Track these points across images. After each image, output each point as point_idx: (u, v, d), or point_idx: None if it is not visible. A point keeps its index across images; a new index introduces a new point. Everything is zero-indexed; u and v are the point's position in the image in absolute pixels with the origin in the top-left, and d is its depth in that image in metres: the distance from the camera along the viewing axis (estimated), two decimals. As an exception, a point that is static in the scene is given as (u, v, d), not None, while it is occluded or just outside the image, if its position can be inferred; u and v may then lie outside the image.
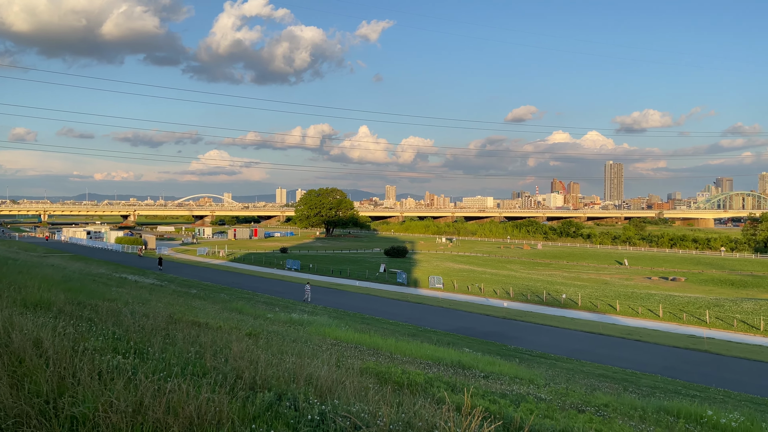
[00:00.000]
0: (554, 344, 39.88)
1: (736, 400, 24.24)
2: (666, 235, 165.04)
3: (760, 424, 15.26)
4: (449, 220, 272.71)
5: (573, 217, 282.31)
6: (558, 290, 68.70)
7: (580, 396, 17.33)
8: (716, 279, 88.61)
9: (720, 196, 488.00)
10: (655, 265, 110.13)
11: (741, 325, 50.83)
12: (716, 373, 32.84)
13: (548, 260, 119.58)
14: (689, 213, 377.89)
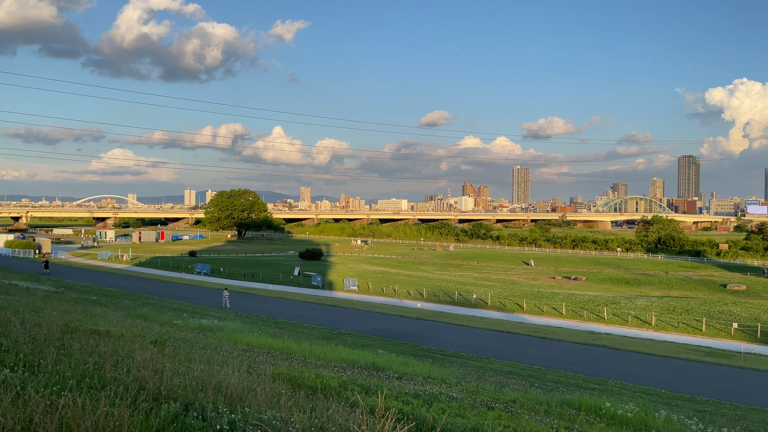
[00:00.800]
0: (465, 343, 40.97)
1: (631, 392, 25.88)
2: (569, 237, 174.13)
3: (653, 414, 16.33)
4: (364, 222, 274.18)
5: (483, 220, 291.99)
6: (469, 290, 70.68)
7: (490, 393, 17.84)
8: (613, 278, 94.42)
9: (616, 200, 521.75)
10: (558, 265, 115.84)
11: (635, 320, 54.42)
12: (613, 366, 34.93)
13: (460, 261, 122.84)
14: (589, 216, 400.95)
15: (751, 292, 78.10)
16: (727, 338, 48.07)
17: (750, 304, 59.08)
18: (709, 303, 60.15)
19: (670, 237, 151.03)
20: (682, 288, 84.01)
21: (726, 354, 40.42)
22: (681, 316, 54.70)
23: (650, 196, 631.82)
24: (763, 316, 53.04)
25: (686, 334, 49.79)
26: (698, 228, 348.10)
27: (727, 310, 55.68)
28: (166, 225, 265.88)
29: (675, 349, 41.78)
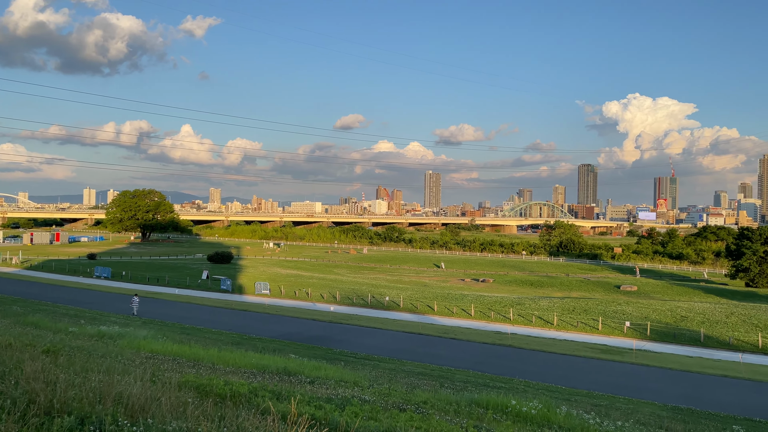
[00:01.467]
0: (378, 345, 41.22)
1: (535, 389, 27.02)
2: (477, 240, 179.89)
3: (554, 410, 17.08)
4: (277, 224, 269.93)
5: (396, 223, 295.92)
6: (382, 293, 71.28)
7: (402, 395, 18.00)
8: (519, 280, 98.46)
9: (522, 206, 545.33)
10: (468, 268, 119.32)
11: (538, 321, 56.95)
12: (519, 365, 36.35)
13: (373, 264, 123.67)
14: (497, 220, 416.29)
15: (642, 293, 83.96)
16: (620, 336, 51.36)
17: (641, 304, 63.43)
18: (605, 303, 64.00)
19: (571, 241, 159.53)
20: (581, 289, 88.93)
21: (620, 351, 43.14)
22: (580, 316, 57.83)
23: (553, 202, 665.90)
24: (653, 315, 57.11)
25: (585, 333, 52.70)
26: (595, 233, 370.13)
27: (621, 310, 59.47)
28: (62, 226, 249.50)
29: (574, 348, 44.07)
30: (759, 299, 77.29)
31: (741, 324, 52.98)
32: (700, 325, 52.72)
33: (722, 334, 50.44)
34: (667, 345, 48.35)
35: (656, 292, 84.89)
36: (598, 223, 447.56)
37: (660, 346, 47.46)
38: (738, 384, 33.27)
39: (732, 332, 50.74)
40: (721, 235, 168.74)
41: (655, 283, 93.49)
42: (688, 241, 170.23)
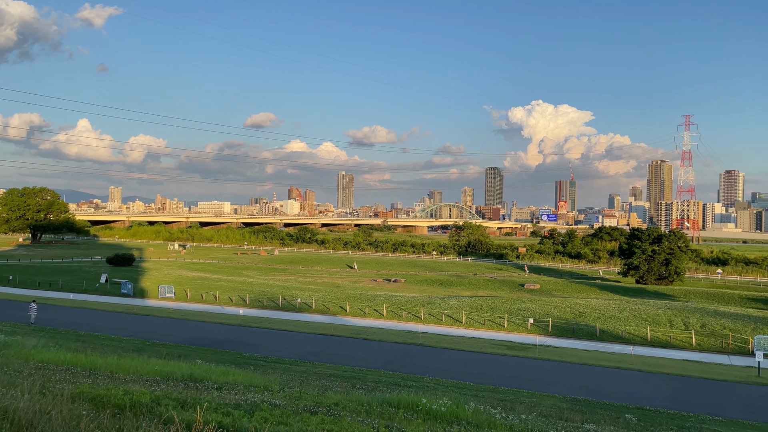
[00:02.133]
0: (289, 348, 40.60)
1: (445, 387, 27.59)
2: (390, 241, 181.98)
3: (463, 406, 17.48)
4: (183, 225, 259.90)
5: (309, 224, 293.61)
6: (294, 295, 70.36)
7: (313, 398, 17.78)
8: (429, 279, 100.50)
9: (432, 207, 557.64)
10: (380, 268, 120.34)
11: (448, 319, 58.34)
12: (429, 363, 37.00)
13: (285, 265, 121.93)
14: (408, 221, 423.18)
15: (544, 291, 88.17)
16: (525, 332, 53.61)
17: (543, 301, 66.55)
18: (510, 301, 66.60)
19: (479, 241, 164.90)
20: (488, 288, 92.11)
21: (524, 347, 44.98)
22: (487, 314, 59.81)
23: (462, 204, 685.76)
24: (554, 311, 60.05)
25: (492, 330, 54.56)
26: (502, 233, 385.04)
27: (525, 307, 62.10)
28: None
29: (482, 345, 45.49)
30: (648, 295, 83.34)
31: (632, 318, 56.83)
32: (596, 321, 56.03)
33: (615, 329, 53.86)
34: (567, 340, 50.97)
35: (557, 290, 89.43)
36: (504, 224, 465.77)
37: (561, 341, 49.96)
38: (630, 375, 35.60)
39: (624, 326, 54.31)
40: (615, 236, 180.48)
41: (555, 281, 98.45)
42: (586, 241, 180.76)
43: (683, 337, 51.07)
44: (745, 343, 48.75)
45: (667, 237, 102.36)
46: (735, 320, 55.48)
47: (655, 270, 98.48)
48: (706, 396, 30.73)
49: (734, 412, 27.04)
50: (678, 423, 23.28)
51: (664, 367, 39.02)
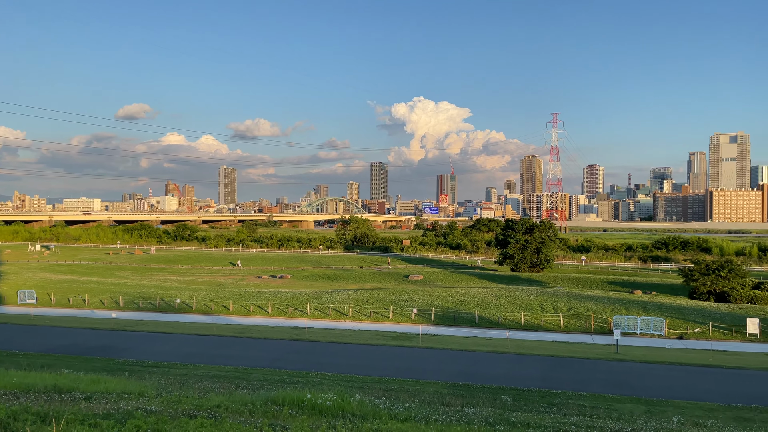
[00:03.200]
0: (168, 351, 38.71)
1: (331, 381, 27.63)
2: (275, 237, 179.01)
3: (348, 399, 17.59)
4: (46, 224, 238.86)
5: (188, 221, 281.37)
6: (172, 295, 67.17)
7: (193, 401, 17.07)
8: (316, 274, 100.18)
9: (318, 201, 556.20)
10: (265, 265, 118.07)
11: (335, 313, 58.49)
12: (316, 358, 36.87)
13: (162, 265, 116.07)
14: (294, 216, 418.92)
15: (428, 281, 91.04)
16: (409, 322, 55.05)
17: (426, 292, 68.69)
18: (395, 292, 68.05)
19: (365, 235, 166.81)
20: (374, 280, 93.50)
21: (408, 336, 46.16)
22: (373, 305, 60.70)
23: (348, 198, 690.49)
24: (436, 301, 62.17)
25: (377, 322, 55.45)
26: (387, 226, 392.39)
27: (409, 298, 63.75)
28: None
29: (368, 337, 46.10)
30: (521, 282, 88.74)
31: (507, 305, 60.22)
32: (476, 308, 58.77)
33: (493, 315, 56.82)
34: (448, 328, 53.02)
35: (440, 280, 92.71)
36: (389, 218, 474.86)
37: (443, 329, 51.87)
38: (506, 358, 37.70)
39: (501, 312, 57.43)
40: (492, 227, 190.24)
41: (438, 272, 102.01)
42: (466, 233, 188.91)
43: (553, 320, 54.93)
44: (606, 323, 53.36)
45: (539, 227, 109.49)
46: (597, 302, 60.54)
47: (528, 258, 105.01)
48: (572, 373, 33.26)
49: (596, 386, 29.51)
50: (548, 400, 25.00)
51: (536, 349, 41.73)
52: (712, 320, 52.72)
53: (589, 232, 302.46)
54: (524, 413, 20.55)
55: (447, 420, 17.07)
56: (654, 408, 24.17)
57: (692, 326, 51.96)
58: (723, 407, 25.06)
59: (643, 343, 47.08)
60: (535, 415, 20.24)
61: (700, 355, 41.03)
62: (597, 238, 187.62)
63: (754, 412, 24.17)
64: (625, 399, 26.29)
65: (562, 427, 17.12)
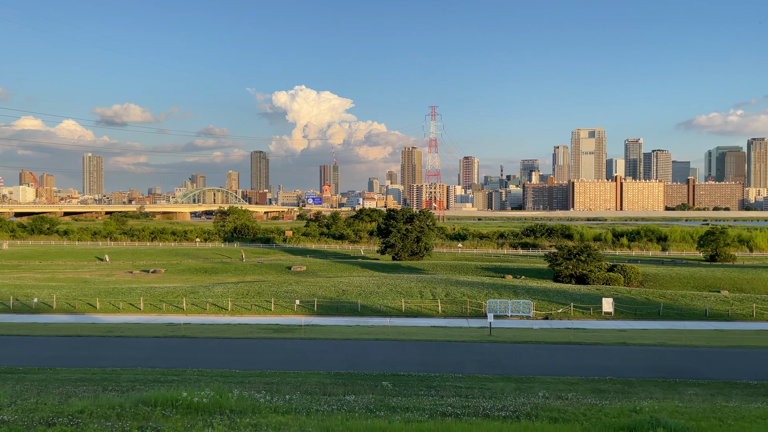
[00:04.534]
0: (24, 355, 35.31)
1: (209, 377, 26.63)
2: (147, 229, 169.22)
3: (227, 395, 17.04)
4: None
5: (48, 213, 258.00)
6: (29, 294, 61.37)
7: (52, 407, 15.70)
8: (193, 268, 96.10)
9: (195, 192, 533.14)
10: (137, 259, 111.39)
11: (213, 308, 56.51)
12: (193, 355, 35.37)
13: (17, 261, 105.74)
14: (169, 207, 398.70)
15: (311, 272, 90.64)
16: (291, 314, 54.50)
17: (309, 282, 68.34)
18: (277, 284, 67.02)
19: (245, 226, 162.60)
20: (255, 273, 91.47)
21: (290, 328, 45.67)
22: (254, 298, 59.37)
23: (227, 188, 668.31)
24: (319, 291, 62.05)
25: (259, 315, 54.35)
26: (268, 217, 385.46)
27: (292, 289, 63.09)
28: None
29: (249, 330, 45.02)
30: (402, 270, 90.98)
31: (389, 293, 61.49)
32: (358, 297, 59.41)
33: (375, 303, 57.77)
34: (331, 318, 53.17)
35: (322, 270, 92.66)
36: (271, 209, 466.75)
37: (325, 320, 51.91)
38: (386, 345, 38.46)
39: (382, 300, 58.53)
40: (374, 217, 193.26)
41: (321, 262, 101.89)
42: (349, 223, 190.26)
43: (431, 306, 56.90)
44: (480, 307, 56.16)
45: (418, 217, 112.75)
46: (472, 288, 63.53)
47: (409, 247, 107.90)
48: (449, 356, 34.64)
49: (471, 368, 30.96)
50: (427, 383, 25.84)
51: (415, 334, 43.00)
52: (573, 301, 57.25)
53: (465, 221, 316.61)
54: (404, 398, 21.07)
55: (328, 410, 17.08)
56: (523, 385, 25.79)
57: (556, 307, 56.13)
58: (582, 380, 27.29)
59: (514, 324, 50.13)
60: (414, 399, 20.82)
61: (562, 333, 44.40)
62: (472, 227, 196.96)
63: (609, 384, 26.56)
64: (497, 378, 27.81)
65: (439, 408, 17.76)
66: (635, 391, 24.82)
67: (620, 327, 48.88)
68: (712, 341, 40.70)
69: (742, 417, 15.27)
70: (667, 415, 14.04)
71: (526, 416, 16.04)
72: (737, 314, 53.85)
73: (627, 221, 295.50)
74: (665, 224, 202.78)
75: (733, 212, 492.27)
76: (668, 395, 23.50)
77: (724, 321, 52.05)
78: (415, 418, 15.52)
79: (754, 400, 22.47)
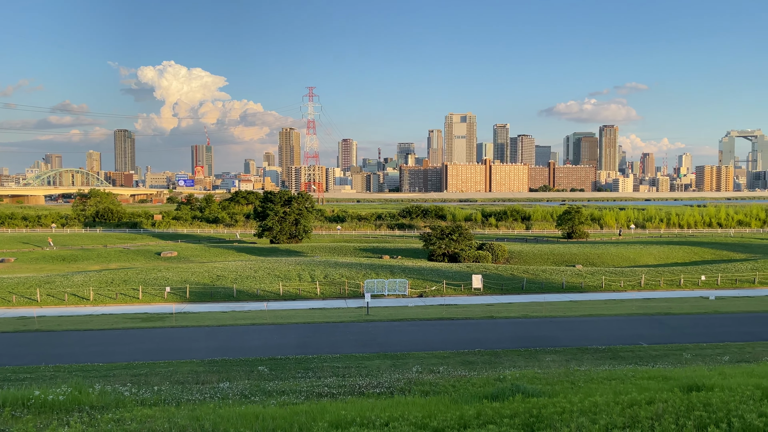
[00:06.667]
0: None
1: (67, 373, 24.64)
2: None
3: (87, 390, 15.84)
4: None
5: None
6: None
7: None
8: (48, 256, 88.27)
9: (50, 173, 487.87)
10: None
11: (72, 298, 52.34)
12: (49, 350, 32.56)
13: None
14: (18, 190, 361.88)
15: (182, 257, 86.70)
16: (161, 302, 51.87)
17: (180, 268, 65.35)
18: (145, 271, 63.40)
19: (109, 210, 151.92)
20: (121, 260, 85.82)
21: (160, 317, 43.49)
22: (120, 287, 55.78)
23: (87, 169, 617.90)
24: (192, 277, 59.57)
25: (125, 304, 51.17)
26: (135, 200, 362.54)
27: (162, 276, 60.00)
28: None
29: (114, 321, 42.27)
30: (281, 253, 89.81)
31: (266, 276, 60.45)
32: (234, 282, 57.82)
33: (251, 287, 56.56)
34: (205, 304, 51.33)
35: (195, 256, 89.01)
36: (138, 191, 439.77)
37: (199, 306, 50.04)
38: (264, 329, 37.88)
39: (259, 285, 57.43)
40: (251, 199, 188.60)
41: (194, 247, 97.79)
42: (224, 206, 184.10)
43: (310, 288, 56.78)
44: (358, 287, 56.94)
45: (297, 199, 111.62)
46: (350, 269, 64.19)
47: (287, 230, 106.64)
48: (327, 337, 34.85)
49: (349, 347, 31.36)
50: (304, 366, 25.80)
51: (293, 317, 42.75)
52: (446, 278, 59.79)
53: (344, 203, 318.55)
54: (281, 381, 20.86)
55: (200, 398, 16.49)
56: (398, 361, 26.56)
57: (430, 285, 58.33)
58: (453, 354, 28.65)
59: (390, 303, 51.42)
60: (291, 381, 20.67)
61: (436, 310, 46.27)
62: (351, 209, 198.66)
63: (477, 356, 28.11)
64: (373, 356, 28.40)
65: (316, 389, 17.77)
66: (501, 361, 26.47)
67: (488, 302, 51.86)
68: (568, 311, 44.42)
69: (591, 379, 16.78)
70: (527, 382, 15.10)
71: (399, 391, 16.50)
72: (589, 286, 59.17)
73: (495, 202, 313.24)
74: (529, 205, 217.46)
75: (587, 193, 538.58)
76: (530, 363, 25.32)
77: (579, 293, 56.98)
78: (290, 400, 15.40)
79: (602, 363, 24.84)
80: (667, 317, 40.90)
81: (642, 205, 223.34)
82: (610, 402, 9.08)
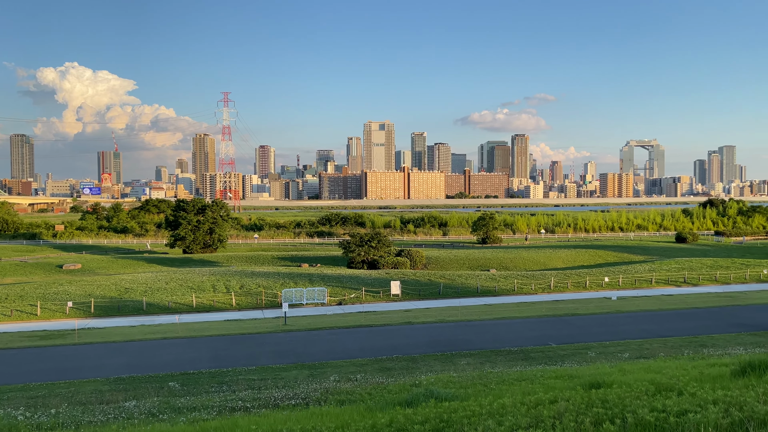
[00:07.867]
0: None
1: (-48, 399, 22.58)
2: None
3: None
4: None
5: None
6: None
7: None
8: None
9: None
10: None
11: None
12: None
13: None
14: None
15: (87, 270, 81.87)
16: (63, 318, 48.70)
17: (85, 282, 61.71)
18: (45, 285, 59.39)
19: (4, 221, 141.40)
20: (17, 274, 79.86)
21: (61, 334, 40.81)
22: (15, 303, 51.90)
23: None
24: (97, 291, 56.35)
25: (21, 321, 47.66)
26: (34, 210, 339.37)
27: (63, 290, 56.39)
28: None
29: (8, 339, 39.23)
30: (194, 264, 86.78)
31: (179, 288, 58.18)
32: (143, 295, 55.21)
33: (162, 300, 54.22)
34: (111, 319, 48.68)
35: (101, 268, 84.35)
36: (37, 200, 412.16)
37: (104, 321, 47.39)
38: (176, 343, 36.36)
39: (171, 297, 55.15)
40: (162, 208, 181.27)
41: (100, 259, 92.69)
42: (133, 215, 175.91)
43: (225, 299, 55.16)
44: (276, 297, 55.94)
45: (211, 207, 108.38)
46: (268, 278, 62.98)
47: (201, 239, 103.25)
48: (243, 349, 33.93)
49: (266, 359, 30.68)
50: (218, 380, 24.97)
51: (207, 330, 41.35)
52: (365, 286, 59.93)
53: (262, 211, 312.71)
54: (192, 397, 20.09)
55: (103, 419, 15.56)
56: (316, 371, 26.27)
57: (349, 293, 58.25)
58: (372, 361, 28.69)
59: (309, 312, 50.86)
60: (203, 397, 19.95)
61: (354, 317, 46.24)
62: (269, 217, 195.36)
63: (395, 362, 28.29)
64: (291, 367, 27.94)
65: (230, 404, 17.23)
66: (418, 366, 26.79)
67: (406, 308, 52.41)
68: (483, 315, 45.68)
69: (503, 381, 17.28)
70: (442, 386, 15.32)
71: (315, 402, 16.30)
72: (503, 290, 61.17)
73: (414, 209, 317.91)
74: (446, 211, 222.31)
75: (501, 200, 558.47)
76: (446, 367, 25.78)
77: (492, 296, 58.76)
78: (201, 417, 14.82)
79: (515, 365, 25.69)
80: (574, 318, 42.96)
81: (551, 210, 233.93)
82: (517, 403, 9.35)
